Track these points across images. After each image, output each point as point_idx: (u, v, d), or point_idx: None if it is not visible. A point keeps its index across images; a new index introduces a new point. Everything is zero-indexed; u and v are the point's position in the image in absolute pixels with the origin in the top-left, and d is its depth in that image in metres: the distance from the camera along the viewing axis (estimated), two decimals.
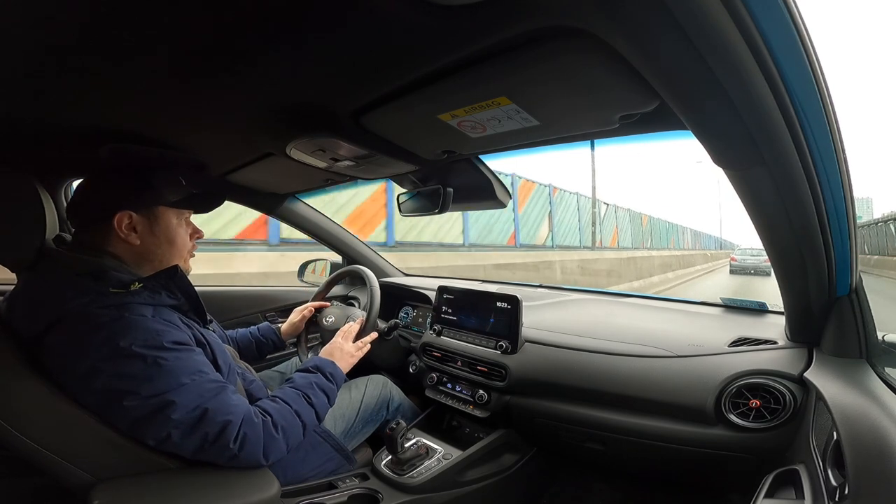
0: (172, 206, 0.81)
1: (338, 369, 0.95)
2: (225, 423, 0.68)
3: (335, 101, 0.68)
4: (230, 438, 0.68)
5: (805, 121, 0.47)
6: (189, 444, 0.66)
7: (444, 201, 1.10)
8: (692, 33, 0.38)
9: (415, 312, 1.62)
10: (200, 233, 0.89)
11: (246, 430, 0.70)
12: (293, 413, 0.79)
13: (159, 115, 0.74)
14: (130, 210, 0.76)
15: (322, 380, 0.89)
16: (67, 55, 0.52)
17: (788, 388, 0.83)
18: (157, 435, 0.65)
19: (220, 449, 0.68)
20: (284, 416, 0.77)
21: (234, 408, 0.70)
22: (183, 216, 0.84)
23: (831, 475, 0.59)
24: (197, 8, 0.44)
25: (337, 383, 0.93)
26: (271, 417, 0.75)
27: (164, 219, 0.80)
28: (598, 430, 1.02)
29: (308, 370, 0.91)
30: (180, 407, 0.65)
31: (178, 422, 0.65)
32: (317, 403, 0.84)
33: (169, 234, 0.81)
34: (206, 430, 0.66)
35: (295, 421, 0.78)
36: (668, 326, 1.14)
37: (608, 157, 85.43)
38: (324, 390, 0.87)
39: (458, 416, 1.25)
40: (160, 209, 0.79)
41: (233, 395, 0.72)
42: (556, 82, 0.55)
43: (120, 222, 0.75)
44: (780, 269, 0.76)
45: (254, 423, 0.71)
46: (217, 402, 0.68)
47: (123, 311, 0.67)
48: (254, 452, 0.71)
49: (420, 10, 0.42)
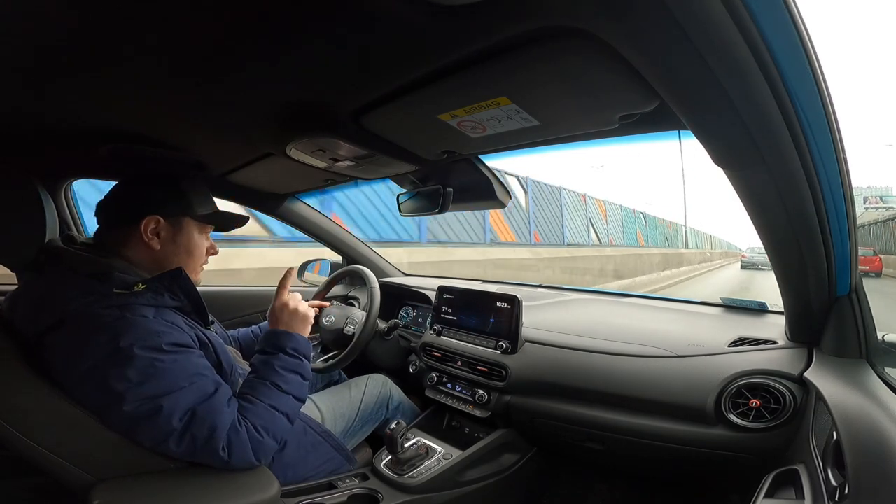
0: (198, 219, 0.84)
1: (296, 338, 0.86)
2: (212, 430, 0.67)
3: (335, 101, 0.68)
4: (218, 446, 0.67)
5: (805, 121, 0.47)
6: (181, 449, 0.66)
7: (444, 201, 1.10)
8: (692, 33, 0.38)
9: (415, 312, 1.62)
10: (216, 250, 0.91)
11: (231, 436, 0.69)
12: (268, 408, 0.75)
13: (159, 116, 0.74)
14: (160, 215, 0.78)
15: (285, 360, 0.82)
16: (68, 55, 0.52)
17: (788, 388, 0.83)
18: (152, 438, 0.66)
19: (211, 454, 0.68)
20: (261, 415, 0.74)
21: (221, 416, 0.69)
22: (205, 230, 0.87)
23: (831, 475, 0.59)
24: (197, 8, 0.44)
25: (303, 354, 0.85)
26: (249, 421, 0.72)
27: (188, 229, 0.83)
28: (598, 430, 1.02)
29: (265, 351, 0.83)
30: (174, 411, 0.65)
31: (170, 426, 0.65)
32: (290, 388, 0.79)
33: (190, 245, 0.83)
34: (194, 433, 0.66)
35: (273, 416, 0.75)
36: (668, 326, 1.14)
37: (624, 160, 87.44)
38: (292, 370, 0.81)
39: (458, 416, 1.25)
40: (186, 220, 0.82)
41: (225, 399, 0.71)
42: (557, 82, 0.55)
43: (146, 226, 0.77)
44: (780, 269, 0.76)
45: (237, 430, 0.70)
46: (207, 408, 0.68)
47: (126, 311, 0.67)
48: (244, 457, 0.70)
49: (420, 10, 0.42)
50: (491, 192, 1.09)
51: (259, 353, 0.84)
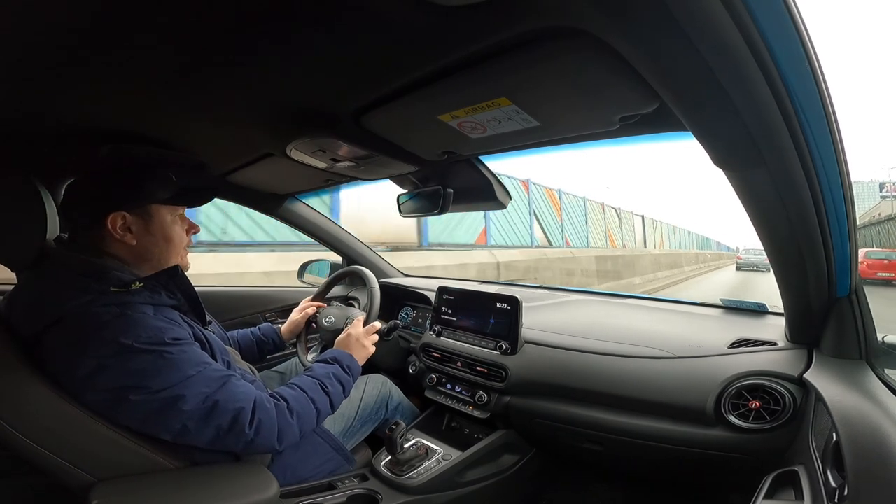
0: (164, 203, 0.80)
1: (354, 362, 0.97)
2: (237, 411, 0.69)
3: (335, 101, 0.68)
4: (245, 423, 0.69)
5: (805, 121, 0.47)
6: (205, 435, 0.68)
7: (444, 202, 1.11)
8: (692, 34, 0.38)
9: (415, 313, 1.62)
10: (196, 227, 0.88)
11: (260, 415, 0.72)
12: (308, 399, 0.81)
13: (160, 115, 0.74)
14: (123, 211, 0.75)
15: (339, 371, 0.91)
16: (68, 55, 0.52)
17: (788, 390, 0.83)
18: (171, 428, 0.66)
19: (237, 436, 0.70)
20: (300, 401, 0.79)
21: (242, 395, 0.71)
22: (177, 212, 0.83)
23: (831, 476, 0.59)
24: (197, 8, 0.44)
25: (353, 375, 0.94)
26: (287, 402, 0.77)
27: (158, 217, 0.79)
28: (597, 430, 1.02)
29: (326, 361, 0.93)
30: (190, 398, 0.66)
31: (190, 413, 0.66)
32: (332, 392, 0.86)
33: (165, 231, 0.80)
34: (218, 420, 0.68)
35: (310, 407, 0.80)
36: (668, 327, 1.14)
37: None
38: (340, 381, 0.89)
39: (457, 416, 1.25)
40: (153, 207, 0.78)
41: (238, 382, 0.73)
42: (557, 83, 0.55)
43: (114, 223, 0.74)
44: (779, 270, 0.76)
45: (266, 408, 0.73)
46: (225, 392, 0.69)
47: (125, 309, 0.68)
48: (268, 437, 0.73)
49: (420, 10, 0.42)
50: (491, 193, 1.09)
51: (320, 361, 0.94)
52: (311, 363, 0.96)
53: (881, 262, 11.70)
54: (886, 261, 11.78)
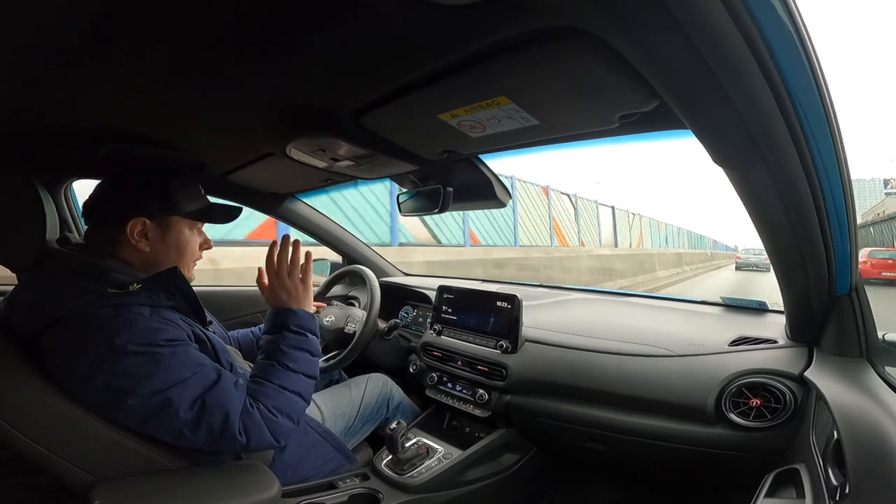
0: (187, 216, 0.81)
1: (298, 314, 0.84)
2: (224, 416, 0.68)
3: (335, 101, 0.68)
4: (234, 431, 0.68)
5: (804, 120, 0.47)
6: (200, 438, 0.67)
7: (444, 201, 1.11)
8: (691, 33, 0.38)
9: (415, 312, 1.62)
10: (210, 244, 0.88)
11: (245, 420, 0.70)
12: (278, 389, 0.76)
13: (159, 116, 0.74)
14: (145, 217, 0.76)
15: (290, 337, 0.81)
16: (68, 55, 0.52)
17: (789, 388, 0.83)
18: (168, 431, 0.66)
19: (230, 441, 0.69)
20: (271, 396, 0.74)
21: (231, 400, 0.70)
22: (196, 226, 0.84)
23: (832, 474, 0.59)
24: (196, 8, 0.44)
25: (307, 328, 0.84)
26: (260, 403, 0.73)
27: (177, 228, 0.80)
28: (598, 429, 1.02)
29: (269, 332, 0.83)
30: (183, 402, 0.66)
31: (184, 417, 0.66)
32: (299, 366, 0.79)
33: (180, 243, 0.81)
34: (208, 422, 0.67)
35: (284, 395, 0.76)
36: (669, 326, 1.14)
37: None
38: (298, 347, 0.81)
39: (458, 415, 1.25)
40: (174, 219, 0.79)
41: (230, 384, 0.72)
42: (556, 82, 0.55)
43: (133, 228, 0.75)
44: (780, 268, 0.76)
45: (250, 413, 0.71)
46: (215, 395, 0.68)
47: (121, 310, 0.67)
48: (262, 438, 0.72)
49: (420, 9, 0.42)
50: (491, 192, 1.09)
51: (265, 333, 0.84)
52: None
53: (885, 262, 11.53)
54: (891, 260, 11.57)
